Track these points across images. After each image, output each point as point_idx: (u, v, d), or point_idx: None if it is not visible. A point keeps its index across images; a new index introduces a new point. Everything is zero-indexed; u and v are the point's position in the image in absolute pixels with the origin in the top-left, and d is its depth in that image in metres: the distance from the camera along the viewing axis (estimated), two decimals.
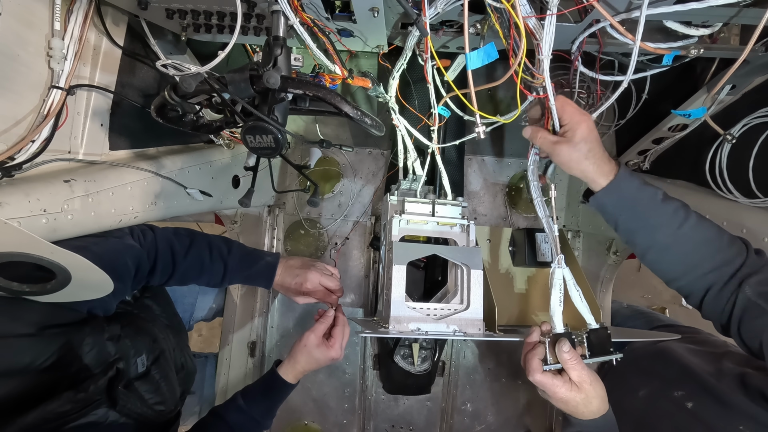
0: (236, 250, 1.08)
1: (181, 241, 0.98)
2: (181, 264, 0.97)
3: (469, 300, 0.93)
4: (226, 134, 1.24)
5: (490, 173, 1.59)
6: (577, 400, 0.80)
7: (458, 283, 0.98)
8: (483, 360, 1.58)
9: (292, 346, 1.08)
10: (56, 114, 0.80)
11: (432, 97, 0.90)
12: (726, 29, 0.81)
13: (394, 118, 0.94)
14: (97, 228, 0.84)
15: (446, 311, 0.93)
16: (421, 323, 0.89)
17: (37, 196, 0.71)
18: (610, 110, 1.41)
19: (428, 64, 0.78)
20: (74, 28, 0.81)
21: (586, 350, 0.82)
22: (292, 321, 1.60)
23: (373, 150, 1.61)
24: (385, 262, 1.02)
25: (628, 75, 0.77)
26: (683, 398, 0.92)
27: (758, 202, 0.93)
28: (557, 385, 0.80)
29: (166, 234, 0.97)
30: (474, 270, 0.93)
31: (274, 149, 0.72)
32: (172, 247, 0.96)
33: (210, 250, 1.03)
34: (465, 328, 0.90)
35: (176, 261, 0.96)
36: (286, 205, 1.62)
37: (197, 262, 0.99)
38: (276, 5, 0.68)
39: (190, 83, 0.68)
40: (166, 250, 0.95)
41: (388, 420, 1.59)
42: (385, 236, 1.05)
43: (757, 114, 0.94)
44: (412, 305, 0.91)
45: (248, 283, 1.14)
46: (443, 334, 0.88)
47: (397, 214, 0.99)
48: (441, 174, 1.06)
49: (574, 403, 0.80)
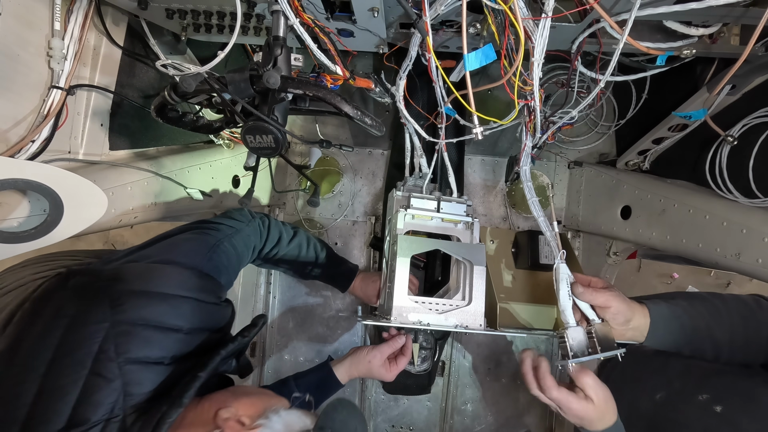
0: (328, 249, 1.23)
1: (286, 230, 1.13)
2: (283, 248, 1.11)
3: (471, 296, 0.93)
4: (226, 134, 1.24)
5: (490, 173, 1.59)
6: (592, 415, 0.79)
7: (460, 280, 0.98)
8: (483, 360, 1.58)
9: (353, 351, 1.10)
10: (56, 114, 0.80)
11: (439, 95, 0.89)
12: (726, 29, 0.81)
13: (403, 116, 0.94)
14: (97, 228, 0.84)
15: (448, 306, 0.93)
16: (423, 316, 0.89)
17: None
18: (610, 110, 1.41)
19: (432, 64, 0.78)
20: (74, 28, 0.81)
21: (597, 345, 0.82)
22: (292, 321, 1.60)
23: (373, 150, 1.61)
24: (389, 256, 1.02)
25: (607, 73, 0.76)
26: (710, 402, 0.86)
27: (758, 202, 0.93)
28: (572, 401, 0.79)
29: (278, 222, 1.13)
30: (477, 266, 0.94)
31: (274, 149, 0.72)
32: (280, 233, 1.11)
33: (307, 244, 1.17)
34: (466, 323, 0.90)
35: (280, 245, 1.10)
36: (286, 205, 1.62)
37: (296, 249, 1.14)
38: (276, 5, 0.68)
39: (190, 83, 0.68)
40: (274, 234, 1.08)
41: (388, 420, 1.59)
42: (390, 230, 1.06)
43: (757, 114, 0.94)
44: (415, 298, 0.91)
45: (329, 280, 1.26)
46: (444, 327, 0.89)
47: (402, 209, 1.00)
48: (447, 171, 1.07)
49: (589, 419, 0.80)
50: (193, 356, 0.69)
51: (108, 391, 0.60)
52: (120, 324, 0.62)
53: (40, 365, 0.59)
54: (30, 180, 0.66)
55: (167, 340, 0.66)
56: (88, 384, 0.59)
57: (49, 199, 0.69)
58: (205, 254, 0.84)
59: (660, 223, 1.13)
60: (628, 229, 1.24)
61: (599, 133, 1.46)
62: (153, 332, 0.65)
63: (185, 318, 0.69)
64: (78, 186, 0.74)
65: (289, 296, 1.60)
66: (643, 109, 1.28)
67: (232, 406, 0.65)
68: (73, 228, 0.75)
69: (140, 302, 0.65)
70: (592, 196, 1.44)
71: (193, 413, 0.66)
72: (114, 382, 0.60)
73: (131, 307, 0.64)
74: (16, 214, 0.68)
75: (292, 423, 0.66)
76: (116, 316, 0.62)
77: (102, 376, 0.60)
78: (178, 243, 0.85)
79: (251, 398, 0.69)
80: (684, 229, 1.05)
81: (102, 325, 0.61)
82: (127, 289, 0.66)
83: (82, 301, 0.63)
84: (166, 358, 0.65)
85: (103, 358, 0.60)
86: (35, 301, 0.65)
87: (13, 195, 0.68)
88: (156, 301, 0.67)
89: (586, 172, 1.47)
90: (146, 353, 0.63)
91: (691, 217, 1.04)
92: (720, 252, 0.96)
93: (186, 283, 0.72)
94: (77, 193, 0.74)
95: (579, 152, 1.53)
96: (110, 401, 0.60)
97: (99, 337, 0.61)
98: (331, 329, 1.59)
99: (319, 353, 1.58)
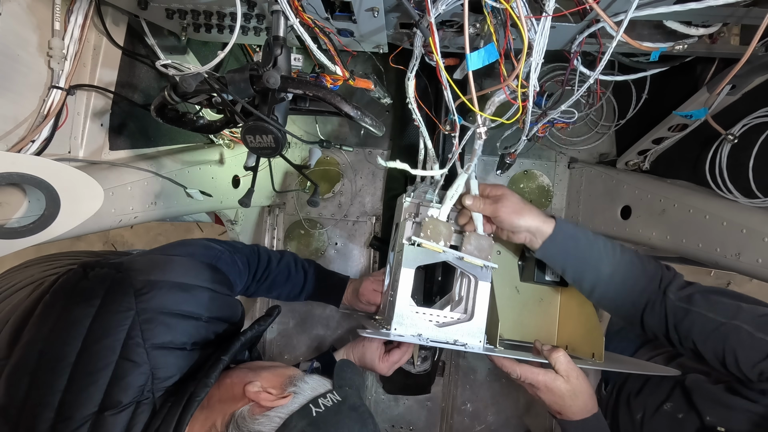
0: (315, 265, 1.24)
1: (274, 253, 1.15)
2: (273, 270, 1.12)
3: (473, 311, 0.91)
4: (226, 134, 1.24)
5: (490, 173, 1.59)
6: (563, 389, 0.81)
7: (464, 293, 0.96)
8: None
9: (356, 339, 1.14)
10: (56, 114, 0.80)
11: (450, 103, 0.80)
12: (726, 29, 0.81)
13: (416, 119, 0.92)
14: (97, 228, 0.84)
15: (449, 319, 0.92)
16: (423, 329, 0.88)
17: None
18: (610, 110, 1.42)
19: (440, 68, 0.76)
20: (74, 29, 0.81)
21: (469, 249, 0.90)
22: (292, 321, 1.60)
23: (374, 150, 1.61)
24: (393, 264, 1.01)
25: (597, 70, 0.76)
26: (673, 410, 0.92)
27: (758, 202, 0.93)
28: (538, 372, 0.82)
29: (263, 247, 1.15)
30: (482, 282, 0.91)
31: (274, 149, 0.72)
32: (269, 255, 1.13)
33: (295, 262, 1.18)
34: (466, 339, 0.89)
35: (270, 267, 1.11)
36: (286, 205, 1.62)
37: (285, 270, 1.15)
38: (276, 5, 0.68)
39: (190, 83, 0.68)
40: (264, 257, 1.11)
41: (388, 420, 1.59)
42: (397, 238, 1.04)
43: (757, 114, 0.94)
44: (416, 309, 0.90)
45: (321, 297, 1.24)
46: (443, 344, 0.87)
47: (410, 218, 0.97)
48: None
49: (560, 394, 0.82)
50: (212, 345, 0.73)
51: (137, 375, 0.63)
52: (145, 312, 0.66)
53: (71, 352, 0.62)
54: (24, 173, 0.66)
55: (189, 326, 0.70)
56: (119, 369, 0.63)
57: (45, 193, 0.69)
58: (215, 253, 0.91)
59: (660, 223, 1.13)
60: (628, 229, 1.24)
61: (599, 133, 1.46)
62: (176, 319, 0.68)
63: (204, 306, 0.73)
64: (73, 178, 0.74)
65: None
66: (643, 109, 1.28)
67: (256, 380, 0.69)
68: (72, 222, 0.75)
69: (162, 291, 0.69)
70: (592, 196, 1.44)
71: (219, 392, 0.69)
72: (142, 366, 0.64)
73: (154, 296, 0.67)
74: (13, 208, 0.68)
75: (317, 386, 0.70)
76: (141, 305, 0.66)
77: (131, 360, 0.63)
78: (189, 243, 0.91)
79: (270, 371, 0.73)
80: (684, 229, 1.05)
81: (129, 313, 0.65)
82: (149, 279, 0.69)
83: (107, 291, 0.66)
84: (188, 344, 0.69)
85: (131, 344, 0.64)
86: (56, 293, 0.68)
87: (8, 189, 0.68)
88: (176, 290, 0.70)
89: (586, 172, 1.47)
90: (171, 339, 0.67)
91: (691, 217, 1.04)
92: (720, 252, 0.96)
93: (202, 274, 0.76)
94: (73, 185, 0.74)
95: (579, 152, 1.53)
96: (140, 384, 0.63)
97: (126, 324, 0.64)
98: (331, 329, 1.60)
99: (319, 353, 1.58)
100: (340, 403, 0.68)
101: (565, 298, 1.15)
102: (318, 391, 0.69)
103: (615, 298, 0.89)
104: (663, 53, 0.85)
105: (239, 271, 0.99)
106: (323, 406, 0.66)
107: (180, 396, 0.64)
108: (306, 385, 0.69)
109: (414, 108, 0.88)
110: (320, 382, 0.72)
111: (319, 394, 0.68)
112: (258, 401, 0.66)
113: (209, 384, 0.65)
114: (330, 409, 0.67)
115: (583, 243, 0.88)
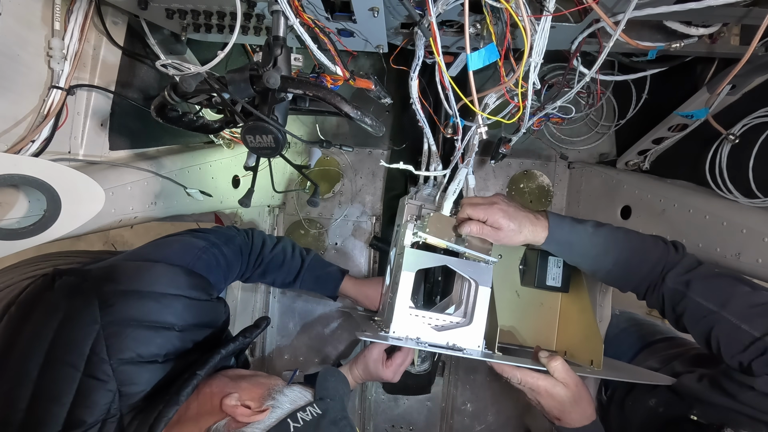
0: (313, 253, 1.20)
1: (270, 238, 1.13)
2: (267, 255, 1.09)
3: (473, 316, 0.91)
4: (226, 134, 1.24)
5: (490, 173, 1.59)
6: (563, 395, 0.81)
7: (464, 297, 0.96)
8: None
9: (357, 355, 1.13)
10: (56, 114, 0.80)
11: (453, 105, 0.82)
12: (726, 29, 0.81)
13: (420, 120, 0.92)
14: (97, 228, 0.84)
15: (448, 323, 0.92)
16: (422, 333, 0.88)
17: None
18: (610, 110, 1.41)
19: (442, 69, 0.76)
20: (74, 28, 0.81)
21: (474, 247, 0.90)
22: (292, 321, 1.60)
23: (373, 150, 1.60)
24: (394, 266, 1.01)
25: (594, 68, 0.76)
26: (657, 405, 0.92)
27: (758, 202, 0.93)
28: (538, 377, 0.82)
29: (262, 232, 1.13)
30: (482, 287, 0.91)
31: (274, 149, 0.72)
32: (264, 239, 1.10)
33: (293, 248, 1.16)
34: (464, 344, 0.89)
35: (264, 252, 1.08)
36: (286, 205, 1.62)
37: (281, 255, 1.12)
38: (276, 5, 0.68)
39: (190, 83, 0.68)
40: (258, 242, 1.08)
41: (388, 420, 1.59)
42: (398, 240, 1.04)
43: (757, 114, 0.94)
44: (415, 312, 0.90)
45: (317, 286, 1.20)
46: (442, 348, 0.87)
47: (412, 220, 0.97)
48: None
49: (561, 399, 0.81)
50: (192, 353, 0.70)
51: (103, 393, 0.60)
52: (111, 325, 0.62)
53: (32, 369, 0.59)
54: (26, 175, 0.66)
55: (159, 338, 0.66)
56: (82, 386, 0.59)
57: (47, 195, 0.69)
58: (194, 253, 0.85)
59: (660, 223, 1.13)
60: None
61: (599, 133, 1.46)
62: (144, 331, 0.65)
63: (177, 315, 0.69)
64: (74, 180, 0.74)
65: (289, 297, 1.60)
66: (643, 109, 1.28)
67: (234, 392, 0.66)
68: (72, 223, 0.74)
69: (130, 302, 0.65)
70: (592, 196, 1.44)
71: (198, 402, 0.67)
72: (108, 384, 0.60)
73: (121, 308, 0.64)
74: (14, 210, 0.68)
75: (296, 398, 0.68)
76: (106, 317, 0.62)
77: (96, 378, 0.60)
78: (167, 243, 0.87)
79: (249, 381, 0.70)
80: (684, 229, 1.05)
81: (93, 327, 0.61)
82: (116, 289, 0.66)
83: (70, 303, 0.63)
84: (160, 356, 0.66)
85: (95, 360, 0.60)
86: (21, 304, 0.65)
87: (9, 191, 0.68)
88: (146, 299, 0.67)
89: (586, 172, 1.47)
90: (139, 352, 0.63)
91: (691, 217, 1.04)
92: (720, 252, 0.96)
93: (175, 281, 0.72)
94: (74, 187, 0.74)
95: (579, 152, 1.53)
96: (105, 402, 0.60)
97: (90, 339, 0.61)
98: (331, 329, 1.59)
99: (319, 353, 1.58)
100: (320, 417, 0.66)
101: (565, 303, 1.15)
102: (297, 404, 0.67)
103: (616, 283, 0.93)
104: (663, 53, 0.85)
105: (225, 266, 0.94)
106: (302, 421, 0.64)
107: (147, 414, 0.61)
108: (285, 398, 0.67)
109: (418, 108, 0.89)
110: (300, 394, 0.69)
111: (299, 407, 0.66)
112: (234, 416, 0.63)
113: (179, 402, 0.62)
114: (309, 424, 0.64)
115: (578, 247, 0.90)
